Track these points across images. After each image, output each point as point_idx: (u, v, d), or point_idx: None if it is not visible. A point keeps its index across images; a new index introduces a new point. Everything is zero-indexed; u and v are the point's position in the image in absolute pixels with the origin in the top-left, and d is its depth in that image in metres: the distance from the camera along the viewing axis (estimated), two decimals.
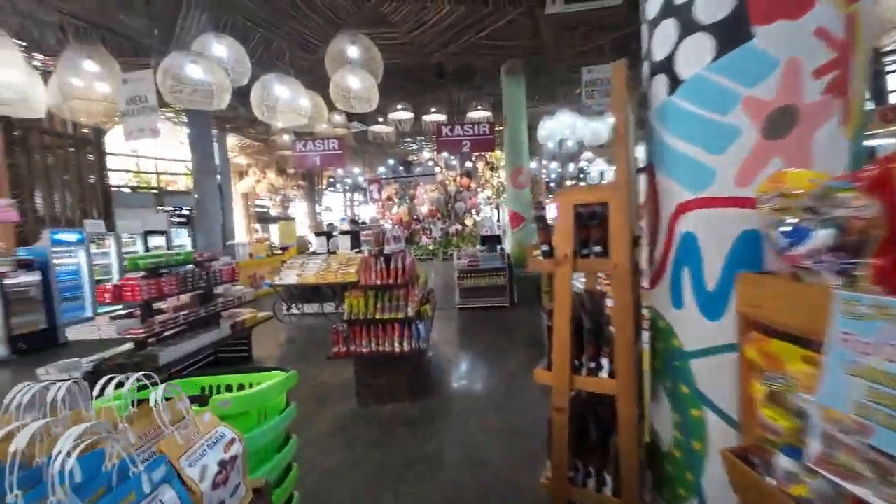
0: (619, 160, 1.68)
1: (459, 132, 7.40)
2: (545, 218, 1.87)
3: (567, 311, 1.75)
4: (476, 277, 7.68)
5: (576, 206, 1.68)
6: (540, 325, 6.33)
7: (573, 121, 11.03)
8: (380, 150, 17.69)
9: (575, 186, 1.91)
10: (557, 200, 1.74)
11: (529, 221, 9.14)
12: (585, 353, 1.76)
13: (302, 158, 7.97)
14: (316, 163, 7.95)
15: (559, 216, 1.72)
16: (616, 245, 1.56)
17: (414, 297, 3.84)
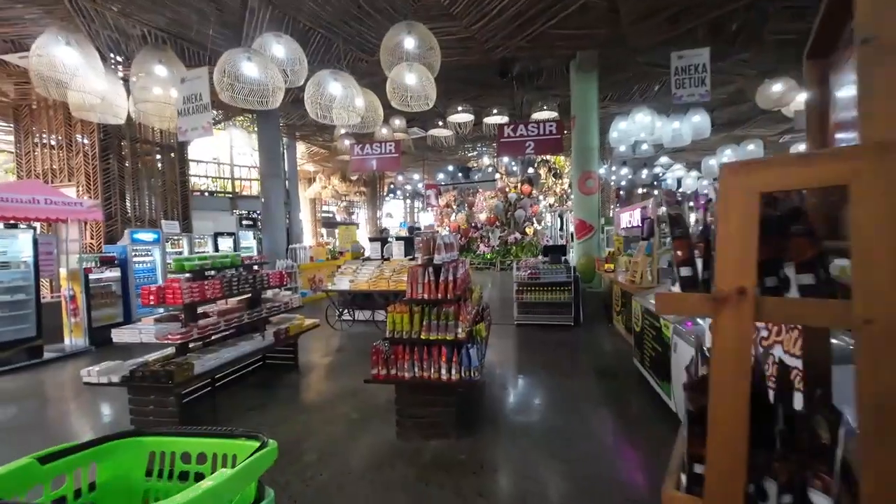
0: None
1: (523, 133, 6.79)
2: (683, 220, 1.09)
3: (741, 393, 0.83)
4: (537, 291, 6.96)
5: (766, 195, 0.83)
6: (612, 351, 5.47)
7: (650, 121, 9.88)
8: (439, 157, 17.52)
9: (752, 161, 0.66)
10: (727, 181, 0.85)
11: (598, 231, 8.23)
12: (777, 476, 0.85)
13: (359, 162, 7.85)
14: (373, 166, 7.78)
15: (726, 212, 0.88)
16: (866, 274, 0.71)
17: (466, 315, 3.31)
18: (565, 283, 6.88)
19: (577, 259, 8.25)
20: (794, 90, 7.81)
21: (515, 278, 7.08)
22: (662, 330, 3.52)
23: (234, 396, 4.24)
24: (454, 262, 3.82)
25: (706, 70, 5.11)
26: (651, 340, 3.88)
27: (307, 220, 20.93)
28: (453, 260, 3.91)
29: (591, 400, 3.98)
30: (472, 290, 4.38)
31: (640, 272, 4.68)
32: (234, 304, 4.47)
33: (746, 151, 13.74)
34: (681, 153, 18.55)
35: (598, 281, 8.16)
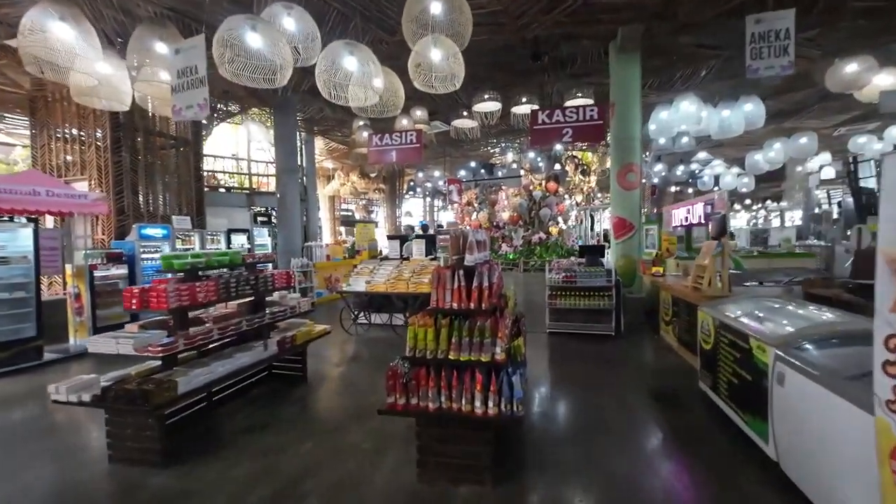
0: None
1: (559, 119, 6.06)
2: None
3: None
4: (573, 297, 6.22)
5: None
6: (666, 368, 4.69)
7: (696, 110, 8.96)
8: (461, 153, 16.88)
9: None
10: None
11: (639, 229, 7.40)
12: None
13: (378, 153, 7.28)
14: (392, 158, 7.20)
15: None
16: None
17: (504, 330, 2.65)
18: (605, 288, 6.12)
19: (615, 260, 7.45)
20: (872, 70, 6.80)
21: (548, 281, 6.36)
22: (754, 353, 2.77)
23: (232, 414, 3.71)
24: (487, 263, 3.17)
25: (790, 37, 4.30)
26: (732, 363, 3.13)
27: (326, 217, 20.66)
28: (486, 261, 3.26)
29: (656, 433, 3.26)
30: (508, 297, 3.72)
31: (709, 277, 3.92)
32: (233, 308, 3.95)
33: (798, 145, 12.56)
34: (719, 148, 17.33)
35: (637, 285, 7.35)
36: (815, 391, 2.12)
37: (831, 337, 2.44)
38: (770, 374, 2.57)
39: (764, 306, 3.39)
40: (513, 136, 14.32)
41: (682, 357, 4.97)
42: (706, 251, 4.03)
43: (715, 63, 8.75)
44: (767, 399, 2.59)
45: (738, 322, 3.15)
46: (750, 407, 2.87)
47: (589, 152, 18.22)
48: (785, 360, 2.42)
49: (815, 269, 6.18)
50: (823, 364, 2.20)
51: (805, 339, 2.47)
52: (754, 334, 2.83)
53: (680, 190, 21.42)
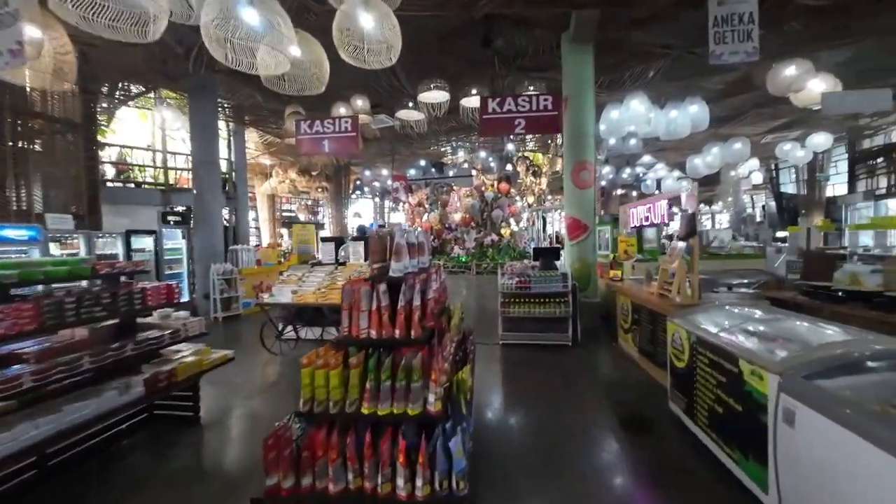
0: None
1: (511, 108, 5.49)
2: None
3: None
4: (527, 304, 5.67)
5: None
6: (629, 383, 4.20)
7: (646, 111, 8.86)
8: (410, 150, 16.09)
9: None
10: None
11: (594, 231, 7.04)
12: None
13: (308, 142, 6.33)
14: (324, 148, 6.28)
15: None
16: None
17: (442, 365, 1.92)
18: (561, 294, 5.62)
19: (570, 264, 7.04)
20: (809, 73, 6.93)
21: (500, 287, 5.76)
22: (746, 380, 2.26)
23: (83, 479, 2.67)
24: (425, 272, 2.44)
25: (753, 21, 4.01)
26: (714, 388, 2.62)
27: (264, 218, 18.98)
28: (423, 269, 2.52)
29: (625, 471, 2.68)
30: (452, 313, 3.01)
31: (678, 284, 3.46)
32: (83, 336, 2.90)
33: (733, 150, 13.11)
34: (662, 152, 17.95)
35: (593, 289, 6.98)
36: (847, 442, 1.59)
37: (846, 362, 1.96)
38: (772, 409, 2.05)
39: (743, 317, 2.95)
40: (464, 133, 13.78)
41: (645, 370, 4.54)
42: (673, 254, 3.59)
43: (664, 63, 8.68)
44: (768, 439, 2.07)
45: (720, 339, 2.66)
46: (740, 444, 2.36)
47: (540, 154, 18.18)
48: (795, 394, 1.89)
49: (765, 270, 6.11)
50: (852, 403, 1.68)
51: (815, 364, 1.97)
52: (746, 356, 2.32)
53: (625, 193, 22.10)
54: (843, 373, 1.92)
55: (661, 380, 4.04)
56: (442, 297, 2.88)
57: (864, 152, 16.22)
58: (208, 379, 3.66)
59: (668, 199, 4.32)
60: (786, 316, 2.85)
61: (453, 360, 2.50)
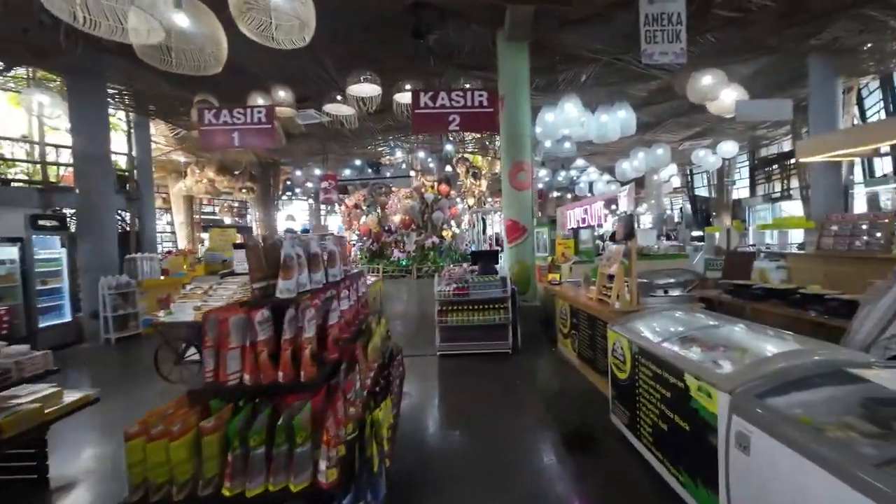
0: None
1: (445, 103, 5.15)
2: None
3: None
4: (466, 311, 5.34)
5: None
6: (569, 392, 3.99)
7: (579, 115, 9.03)
8: (345, 150, 15.28)
9: None
10: None
11: (531, 233, 6.93)
12: None
13: (213, 136, 5.49)
14: (234, 141, 5.49)
15: None
16: None
17: (342, 415, 1.46)
18: (500, 300, 5.37)
19: (509, 267, 6.86)
20: (722, 83, 7.40)
21: (437, 295, 5.38)
22: (694, 396, 2.06)
23: None
24: (333, 288, 1.96)
25: (682, 22, 4.02)
26: (659, 404, 2.42)
27: (181, 222, 17.03)
28: (330, 285, 2.04)
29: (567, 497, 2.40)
30: (372, 332, 2.54)
31: (617, 289, 3.30)
32: None
33: (656, 156, 13.98)
34: (594, 156, 18.82)
35: (532, 292, 6.86)
36: (810, 474, 1.38)
37: (798, 376, 1.79)
38: (724, 432, 1.84)
39: (683, 324, 2.81)
40: (401, 133, 13.31)
41: (584, 376, 4.40)
42: (612, 257, 3.44)
43: (595, 67, 8.89)
44: (719, 465, 1.87)
45: (662, 349, 2.47)
46: (688, 467, 2.16)
47: (479, 156, 18.23)
48: (750, 417, 1.69)
49: (689, 269, 6.36)
50: (813, 429, 1.48)
51: (766, 380, 1.79)
52: (691, 370, 2.13)
53: (560, 196, 22.96)
54: (795, 388, 1.76)
55: (602, 388, 3.89)
56: (358, 316, 2.41)
57: (762, 160, 18.23)
58: (71, 424, 2.86)
59: (604, 200, 4.22)
60: (723, 322, 2.75)
61: (370, 395, 2.05)
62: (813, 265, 5.77)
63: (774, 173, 17.38)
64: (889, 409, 1.60)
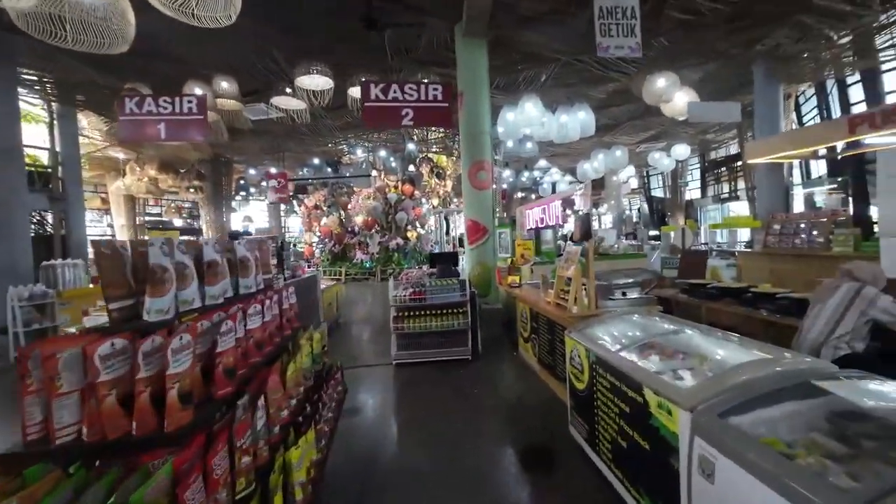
0: None
1: (398, 96, 4.84)
2: None
3: None
4: (423, 317, 5.05)
5: None
6: (529, 401, 3.78)
7: (539, 114, 8.98)
8: (303, 148, 14.61)
9: None
10: None
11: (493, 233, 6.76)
12: None
13: (135, 126, 4.91)
14: (160, 134, 4.93)
15: None
16: None
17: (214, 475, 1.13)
18: (459, 305, 5.12)
19: (470, 269, 6.64)
20: (675, 86, 7.55)
21: (392, 300, 5.06)
22: (653, 413, 1.88)
23: None
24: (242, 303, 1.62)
25: (636, 17, 3.94)
26: (617, 419, 2.24)
27: (121, 225, 15.69)
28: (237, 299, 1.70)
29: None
30: (299, 347, 2.20)
31: (574, 293, 3.13)
32: None
33: (615, 157, 14.28)
34: (555, 158, 19.09)
35: (494, 294, 6.68)
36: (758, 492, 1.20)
37: (761, 391, 1.63)
38: (685, 454, 1.66)
39: (641, 329, 2.66)
40: (360, 130, 12.84)
41: (545, 382, 4.22)
42: (569, 258, 3.26)
43: (554, 67, 8.87)
44: (680, 491, 1.68)
45: (620, 359, 2.29)
46: (649, 490, 1.97)
47: (444, 155, 18.01)
48: (713, 440, 1.50)
49: (647, 269, 6.39)
50: (782, 456, 1.30)
51: (729, 396, 1.62)
52: (650, 383, 1.94)
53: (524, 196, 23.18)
54: (760, 404, 1.60)
55: (563, 395, 3.72)
56: (280, 333, 2.06)
57: (712, 162, 19.13)
58: None
59: (561, 199, 4.08)
60: (681, 326, 2.62)
61: (286, 428, 1.71)
62: (760, 263, 5.94)
63: (723, 175, 18.26)
64: (857, 426, 1.46)
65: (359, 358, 5.56)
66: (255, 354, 1.71)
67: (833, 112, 10.48)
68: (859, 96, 9.28)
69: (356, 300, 11.09)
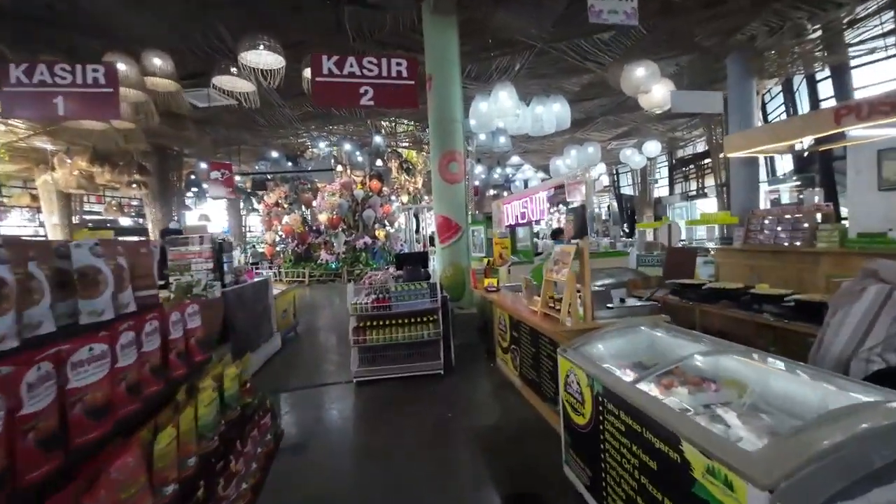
0: None
1: (356, 72, 4.15)
2: None
3: None
4: (388, 328, 4.40)
5: None
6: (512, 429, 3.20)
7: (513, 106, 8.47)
8: (261, 140, 13.54)
9: None
10: None
11: (466, 231, 6.18)
12: None
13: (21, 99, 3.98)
14: (55, 110, 4.02)
15: None
16: None
17: None
18: (429, 312, 4.51)
19: (441, 271, 6.04)
20: (655, 76, 7.22)
21: (352, 309, 4.37)
22: (700, 482, 1.33)
23: None
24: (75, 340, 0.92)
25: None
26: (639, 475, 1.69)
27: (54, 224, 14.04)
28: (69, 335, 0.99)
29: None
30: (197, 391, 1.52)
31: (568, 303, 2.58)
32: None
33: (587, 154, 14.06)
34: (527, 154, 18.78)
35: (468, 298, 6.11)
36: None
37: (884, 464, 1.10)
38: None
39: (654, 348, 2.14)
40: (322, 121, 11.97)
41: (528, 402, 3.68)
42: (561, 260, 2.71)
43: (528, 55, 8.40)
44: None
45: (639, 394, 1.74)
46: None
47: (413, 151, 17.30)
48: None
49: (629, 268, 6.02)
50: None
51: (832, 470, 1.09)
52: (693, 437, 1.39)
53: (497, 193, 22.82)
54: (876, 482, 1.07)
55: (550, 419, 3.19)
56: (163, 374, 1.38)
57: (680, 160, 19.42)
58: None
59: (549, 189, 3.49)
60: (700, 342, 2.11)
61: None
62: (737, 259, 5.68)
63: (691, 173, 18.54)
64: None
65: (314, 375, 4.85)
66: (90, 425, 1.04)
67: (800, 109, 10.60)
68: (828, 92, 9.35)
69: (320, 304, 10.27)
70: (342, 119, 11.90)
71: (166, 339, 1.50)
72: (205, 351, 1.75)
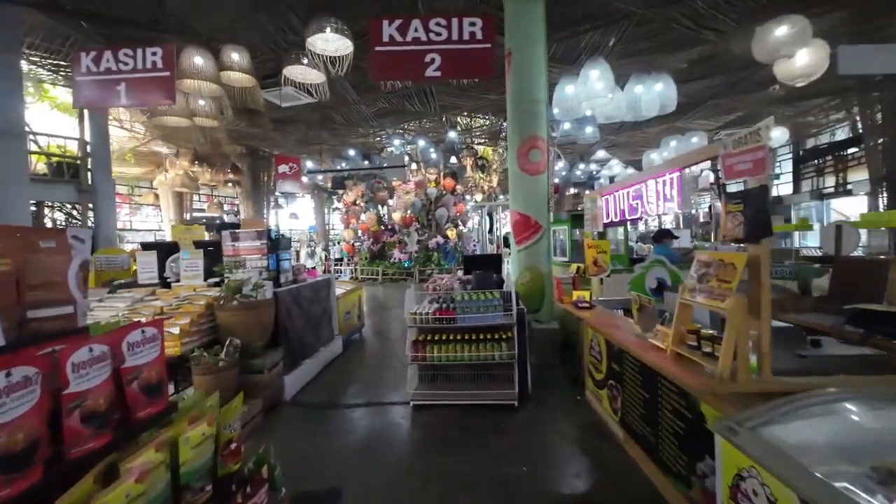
0: None
1: (421, 37, 3.51)
2: None
3: None
4: (451, 343, 3.68)
5: None
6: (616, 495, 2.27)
7: (605, 88, 7.26)
8: (338, 138, 13.76)
9: None
10: None
11: (548, 231, 5.25)
12: None
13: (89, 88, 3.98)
14: (117, 97, 3.96)
15: None
16: None
17: None
18: (502, 328, 3.70)
19: (517, 277, 5.18)
20: (805, 34, 5.55)
21: (409, 321, 3.73)
22: None
23: None
24: None
25: None
26: None
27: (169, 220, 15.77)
28: None
29: None
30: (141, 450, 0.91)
31: (732, 349, 1.59)
32: None
33: (691, 145, 12.09)
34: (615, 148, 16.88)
35: (548, 309, 5.18)
36: None
37: None
38: None
39: None
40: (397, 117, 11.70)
41: (635, 464, 2.69)
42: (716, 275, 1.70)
43: (626, 26, 7.13)
44: None
45: None
46: None
47: (489, 148, 16.50)
48: None
49: None
50: None
51: None
52: None
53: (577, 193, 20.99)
54: None
55: (666, 491, 2.21)
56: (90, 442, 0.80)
57: (809, 151, 16.04)
58: None
59: (685, 167, 2.34)
60: None
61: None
62: None
63: (827, 165, 15.19)
64: None
65: (369, 389, 4.32)
66: None
67: None
68: None
69: (390, 305, 9.96)
70: (416, 114, 11.54)
71: (58, 394, 0.91)
72: (155, 399, 1.16)
